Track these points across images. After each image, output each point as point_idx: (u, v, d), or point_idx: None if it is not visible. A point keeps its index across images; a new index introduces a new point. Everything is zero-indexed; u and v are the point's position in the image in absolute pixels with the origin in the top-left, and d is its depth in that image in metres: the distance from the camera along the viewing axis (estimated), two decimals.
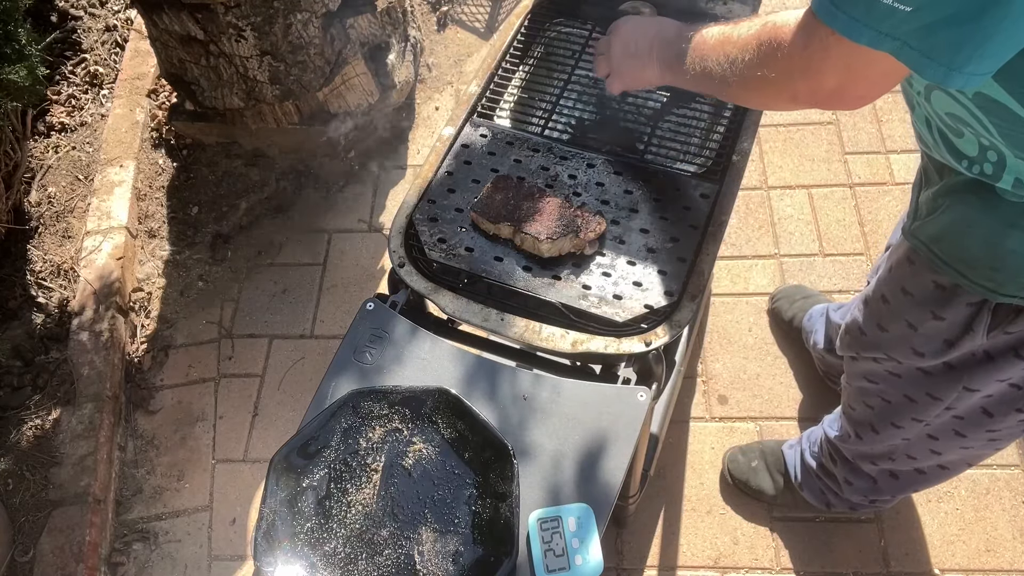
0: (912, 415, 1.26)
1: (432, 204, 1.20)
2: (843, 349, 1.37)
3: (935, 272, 1.05)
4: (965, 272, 1.00)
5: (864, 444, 1.43)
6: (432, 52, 2.68)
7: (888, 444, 1.38)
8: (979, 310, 1.03)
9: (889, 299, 1.17)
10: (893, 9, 0.69)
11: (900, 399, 1.26)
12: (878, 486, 1.50)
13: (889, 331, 1.19)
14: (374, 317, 1.13)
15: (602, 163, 1.23)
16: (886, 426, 1.33)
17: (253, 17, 1.98)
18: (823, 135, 2.38)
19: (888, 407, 1.30)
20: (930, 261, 1.05)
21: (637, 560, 1.79)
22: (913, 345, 1.15)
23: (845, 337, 1.34)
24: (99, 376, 2.03)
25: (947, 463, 1.37)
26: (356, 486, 0.98)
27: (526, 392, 1.06)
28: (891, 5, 0.69)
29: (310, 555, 0.93)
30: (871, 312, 1.23)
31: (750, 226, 2.23)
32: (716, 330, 2.08)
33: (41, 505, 1.87)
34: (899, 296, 1.14)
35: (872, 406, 1.34)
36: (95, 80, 2.63)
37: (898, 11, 0.69)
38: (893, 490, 1.51)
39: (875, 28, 0.71)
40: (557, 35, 1.44)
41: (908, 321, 1.13)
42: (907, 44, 0.71)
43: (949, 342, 1.09)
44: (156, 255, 2.33)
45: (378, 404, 1.03)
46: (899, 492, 1.52)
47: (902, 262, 1.13)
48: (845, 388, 1.45)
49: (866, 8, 0.71)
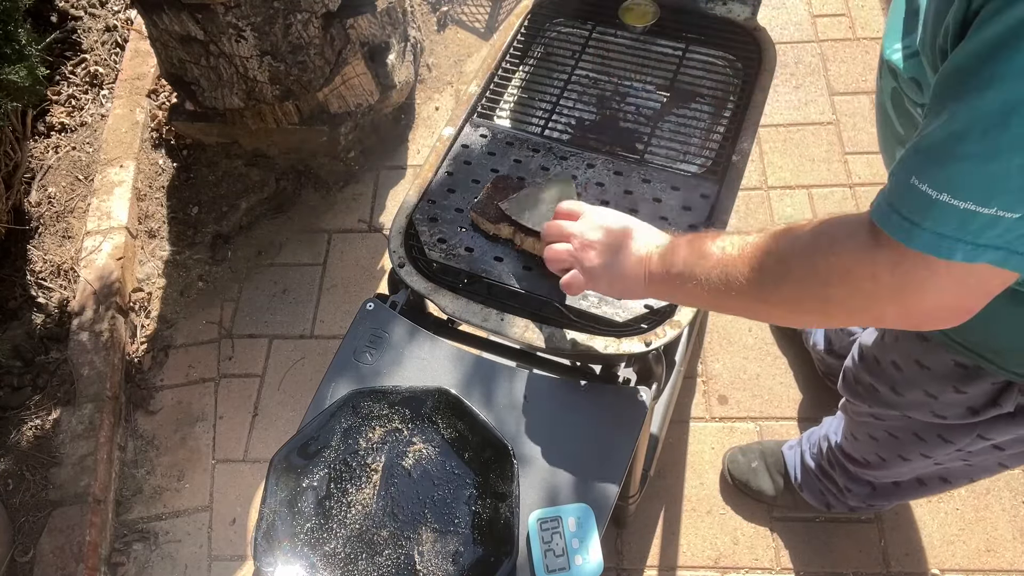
0: (921, 451, 1.22)
1: (432, 204, 1.20)
2: (846, 394, 1.32)
3: (955, 353, 1.00)
4: (993, 359, 0.96)
5: (868, 468, 1.41)
6: (432, 52, 2.68)
7: (894, 470, 1.36)
8: (1007, 387, 0.99)
9: (903, 367, 1.12)
10: (996, 219, 0.59)
11: (909, 437, 1.22)
12: (877, 492, 1.50)
13: (906, 396, 1.14)
14: (374, 317, 1.13)
15: (602, 163, 1.23)
16: (892, 457, 1.30)
17: (253, 17, 1.98)
18: (823, 135, 2.38)
19: (895, 441, 1.27)
20: (947, 345, 1.00)
21: (637, 560, 1.79)
22: (933, 409, 1.11)
23: (849, 386, 1.29)
24: (99, 376, 2.03)
25: (950, 477, 1.35)
26: (356, 486, 0.98)
27: (526, 392, 1.06)
28: (993, 215, 0.59)
29: (310, 555, 0.93)
30: (883, 375, 1.17)
31: (750, 226, 2.23)
32: (716, 330, 2.08)
33: (41, 505, 1.87)
34: (914, 367, 1.09)
35: (877, 438, 1.31)
36: (95, 80, 2.63)
37: (1003, 219, 0.59)
38: (893, 497, 1.50)
39: (972, 242, 0.61)
40: (557, 35, 1.44)
41: (927, 391, 1.08)
42: (1015, 252, 0.61)
43: (973, 410, 1.05)
44: (156, 255, 2.33)
45: (378, 404, 1.03)
46: (898, 499, 1.51)
47: (911, 336, 1.07)
48: (846, 418, 1.42)
49: (960, 223, 0.60)
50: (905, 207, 0.63)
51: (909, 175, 0.63)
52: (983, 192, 0.59)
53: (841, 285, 0.70)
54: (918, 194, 0.62)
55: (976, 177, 0.59)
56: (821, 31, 2.59)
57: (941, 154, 0.61)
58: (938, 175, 0.61)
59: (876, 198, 0.68)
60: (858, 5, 2.63)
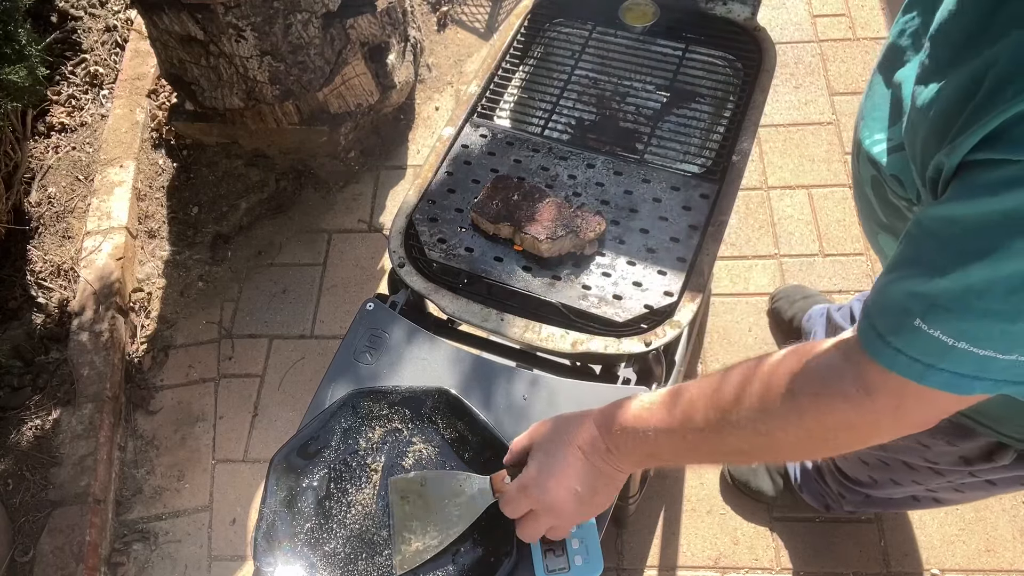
0: (912, 479, 1.22)
1: (432, 204, 1.20)
2: None
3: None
4: (990, 425, 0.95)
5: (861, 487, 1.41)
6: (432, 52, 2.68)
7: (886, 491, 1.36)
8: (1001, 447, 0.98)
9: None
10: (1016, 363, 0.59)
11: (900, 466, 1.22)
12: (871, 501, 1.50)
13: (899, 442, 1.10)
14: (374, 317, 1.13)
15: (602, 163, 1.23)
16: (884, 480, 1.30)
17: (253, 17, 1.98)
18: (823, 135, 2.38)
19: (887, 468, 1.27)
20: None
21: (637, 560, 1.79)
22: (925, 457, 1.10)
23: None
24: (99, 376, 2.03)
25: (943, 500, 1.34)
26: (356, 486, 0.98)
27: (526, 392, 1.06)
28: (1014, 360, 0.59)
29: (310, 555, 0.93)
30: None
31: (750, 226, 2.23)
32: (716, 330, 2.08)
33: (41, 505, 1.87)
34: None
35: (868, 463, 1.31)
36: (95, 80, 2.63)
37: (1022, 362, 0.59)
38: (888, 507, 1.51)
39: (991, 379, 0.60)
40: (557, 35, 1.44)
41: (919, 441, 1.07)
42: (1008, 382, 0.61)
43: (967, 460, 1.04)
44: (156, 255, 2.33)
45: (378, 404, 1.03)
46: (894, 509, 1.51)
47: None
48: None
49: (979, 366, 0.60)
50: (915, 350, 0.61)
51: (912, 318, 0.61)
52: (1005, 344, 0.58)
53: (842, 436, 0.68)
54: (930, 339, 0.60)
55: (997, 332, 0.58)
56: (821, 31, 2.59)
57: (959, 308, 0.59)
58: (955, 326, 0.59)
59: (862, 331, 0.65)
60: (858, 5, 2.63)
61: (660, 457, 0.80)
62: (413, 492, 0.94)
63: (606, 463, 0.82)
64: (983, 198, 0.57)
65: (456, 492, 0.92)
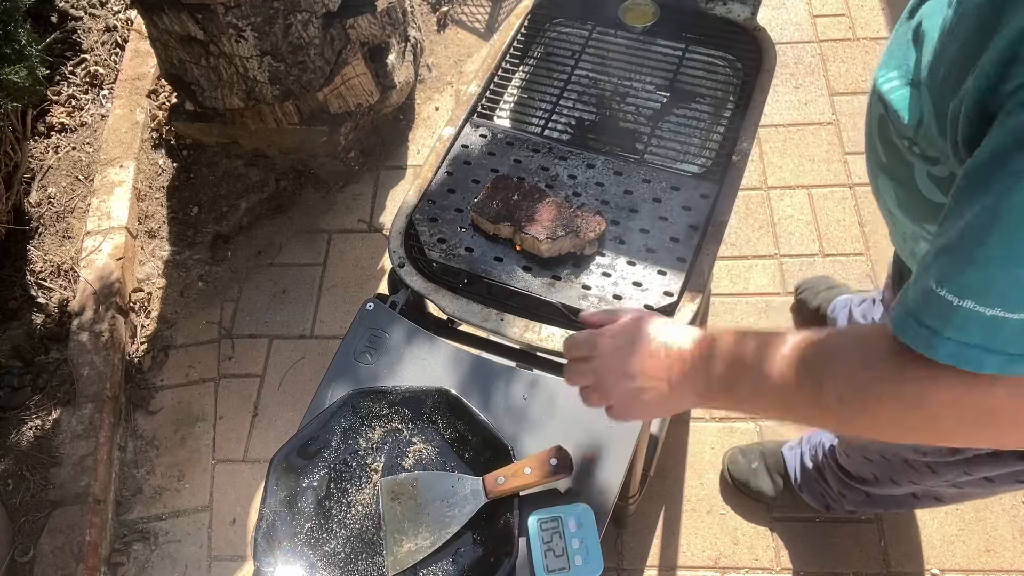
0: (910, 479, 1.24)
1: (432, 204, 1.20)
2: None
3: None
4: None
5: (862, 484, 1.42)
6: (432, 52, 2.68)
7: (887, 489, 1.37)
8: None
9: None
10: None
11: (899, 463, 1.24)
12: (872, 500, 1.51)
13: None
14: (374, 317, 1.13)
15: (602, 163, 1.23)
16: (885, 478, 1.32)
17: (253, 17, 1.98)
18: (823, 135, 2.38)
19: (887, 464, 1.28)
20: None
21: (637, 560, 1.79)
22: (914, 446, 1.12)
23: None
24: (99, 376, 2.03)
25: (944, 499, 1.36)
26: (356, 486, 0.98)
27: (526, 392, 1.06)
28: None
29: (310, 555, 0.93)
30: None
31: (750, 226, 2.23)
32: None
33: (41, 505, 1.87)
34: None
35: (871, 459, 1.32)
36: (95, 80, 2.63)
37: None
38: (889, 506, 1.51)
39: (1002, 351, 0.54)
40: (557, 35, 1.44)
41: None
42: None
43: (954, 450, 1.06)
44: (156, 255, 2.33)
45: (378, 404, 1.03)
46: (895, 508, 1.52)
47: None
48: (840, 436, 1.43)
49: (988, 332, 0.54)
50: (926, 314, 0.56)
51: (929, 279, 0.56)
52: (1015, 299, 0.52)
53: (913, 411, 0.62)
54: (939, 301, 0.55)
55: (1002, 282, 0.52)
56: (821, 31, 2.59)
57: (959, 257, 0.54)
58: (958, 281, 0.54)
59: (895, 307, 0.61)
60: (858, 5, 2.63)
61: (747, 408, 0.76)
62: (405, 493, 0.95)
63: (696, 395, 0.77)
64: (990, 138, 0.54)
65: (449, 493, 0.93)
